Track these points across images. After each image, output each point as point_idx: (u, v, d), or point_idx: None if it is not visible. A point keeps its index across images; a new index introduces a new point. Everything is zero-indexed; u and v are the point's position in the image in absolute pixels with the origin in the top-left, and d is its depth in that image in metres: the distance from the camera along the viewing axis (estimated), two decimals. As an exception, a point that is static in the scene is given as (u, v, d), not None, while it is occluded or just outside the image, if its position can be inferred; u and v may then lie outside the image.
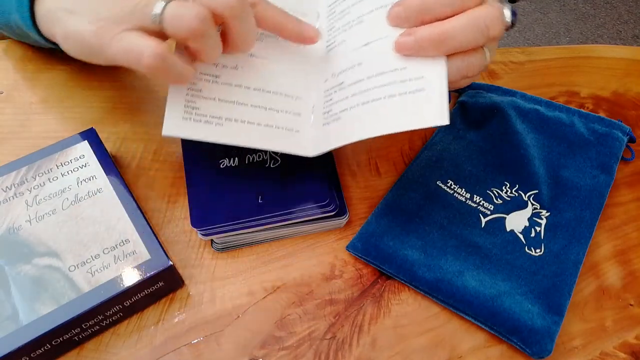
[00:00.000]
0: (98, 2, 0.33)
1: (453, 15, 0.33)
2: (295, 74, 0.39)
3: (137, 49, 0.31)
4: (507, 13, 0.34)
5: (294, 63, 0.39)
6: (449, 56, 0.33)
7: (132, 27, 0.32)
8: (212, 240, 0.40)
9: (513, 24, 0.35)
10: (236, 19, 0.32)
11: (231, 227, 0.38)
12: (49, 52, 0.51)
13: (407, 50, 0.33)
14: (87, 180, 0.38)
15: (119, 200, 0.37)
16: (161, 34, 0.32)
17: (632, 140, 0.46)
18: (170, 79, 0.34)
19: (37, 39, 0.41)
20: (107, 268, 0.34)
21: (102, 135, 0.42)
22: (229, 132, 0.36)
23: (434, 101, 0.33)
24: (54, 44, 0.39)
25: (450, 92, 0.50)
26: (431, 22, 0.33)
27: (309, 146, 0.38)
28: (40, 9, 0.37)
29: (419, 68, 0.33)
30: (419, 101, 0.33)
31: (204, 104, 0.36)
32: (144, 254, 0.35)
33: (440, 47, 0.32)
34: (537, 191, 0.42)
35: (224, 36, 0.34)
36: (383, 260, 0.38)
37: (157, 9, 0.31)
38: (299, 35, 0.37)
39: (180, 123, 0.35)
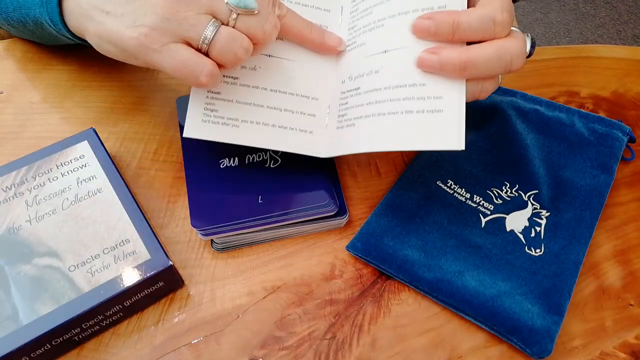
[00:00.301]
0: (135, 5, 0.33)
1: (481, 41, 0.33)
2: (313, 73, 0.39)
3: (194, 67, 0.33)
4: (528, 45, 0.34)
5: (312, 62, 0.39)
6: (469, 80, 0.33)
7: (177, 40, 0.33)
8: (212, 240, 0.40)
9: (530, 54, 0.35)
10: (269, 41, 0.35)
11: (231, 227, 0.38)
12: (49, 52, 0.51)
13: (428, 68, 0.33)
14: (87, 180, 0.38)
15: (119, 200, 0.37)
16: (200, 49, 0.33)
17: (632, 140, 0.46)
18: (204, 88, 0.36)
19: (62, 35, 0.41)
20: (107, 268, 0.34)
21: (102, 135, 0.42)
22: (244, 134, 0.37)
23: (452, 125, 0.33)
24: (81, 39, 0.39)
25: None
26: (458, 42, 0.33)
27: (322, 148, 0.38)
28: (69, 3, 0.37)
29: (438, 87, 0.33)
30: (437, 123, 0.33)
31: (222, 106, 0.37)
32: (144, 254, 0.35)
33: (463, 73, 0.33)
34: (537, 191, 0.42)
35: None
36: (383, 260, 0.38)
37: (209, 32, 0.32)
38: (322, 44, 0.39)
39: (200, 125, 0.36)
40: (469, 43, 0.33)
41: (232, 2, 0.32)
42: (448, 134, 0.33)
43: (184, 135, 0.36)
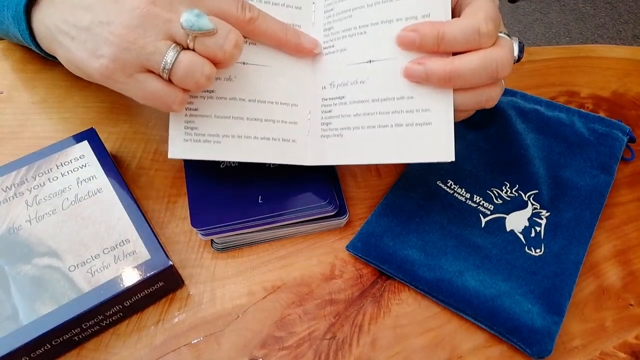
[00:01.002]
0: (95, 32, 0.32)
1: (466, 51, 0.33)
2: (291, 78, 0.38)
3: (165, 97, 0.33)
4: (516, 50, 0.34)
5: (288, 66, 0.38)
6: (462, 90, 0.33)
7: (141, 70, 0.32)
8: (212, 240, 0.40)
9: (519, 59, 0.35)
10: (231, 61, 0.33)
11: (231, 227, 0.38)
12: (49, 52, 0.51)
13: (414, 79, 0.34)
14: (87, 180, 0.38)
15: (119, 200, 0.37)
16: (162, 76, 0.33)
17: (632, 140, 0.46)
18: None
19: (39, 52, 0.41)
20: (107, 268, 0.34)
21: (102, 135, 0.42)
22: (227, 149, 0.36)
23: (440, 138, 0.33)
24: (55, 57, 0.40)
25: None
26: (443, 53, 0.33)
27: (307, 156, 0.38)
28: (38, 26, 0.37)
29: (425, 100, 0.34)
30: (426, 135, 0.33)
31: (202, 123, 0.36)
32: (144, 254, 0.35)
33: (448, 83, 0.33)
34: (537, 191, 0.42)
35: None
36: (383, 260, 0.38)
37: (168, 60, 0.31)
38: (298, 47, 0.37)
39: (182, 145, 0.36)
40: (455, 53, 0.33)
41: (186, 25, 0.31)
42: (437, 146, 0.33)
43: (169, 157, 0.36)
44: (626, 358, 0.36)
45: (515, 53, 0.34)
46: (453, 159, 0.33)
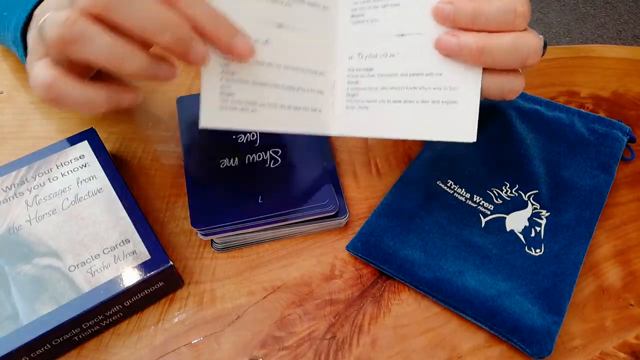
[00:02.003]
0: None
1: (499, 31, 0.32)
2: (319, 45, 0.37)
3: (32, 79, 0.30)
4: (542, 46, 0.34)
5: (317, 32, 0.36)
6: (489, 71, 0.33)
7: (37, 58, 0.31)
8: (212, 240, 0.40)
9: (543, 54, 0.35)
10: (120, 10, 0.28)
11: (231, 227, 0.38)
12: (49, 52, 0.51)
13: (446, 51, 0.33)
14: (87, 180, 0.38)
15: (119, 200, 0.37)
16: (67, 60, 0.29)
17: (632, 140, 0.46)
18: (71, 108, 0.31)
19: None
20: (107, 268, 0.34)
21: (102, 135, 0.42)
22: (261, 119, 0.35)
23: (466, 117, 0.33)
24: None
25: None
26: (477, 30, 0.33)
27: (331, 127, 0.37)
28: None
29: (454, 78, 0.34)
30: (451, 114, 0.34)
31: (239, 89, 0.33)
32: (144, 254, 0.35)
33: (478, 59, 0.32)
34: (537, 191, 0.42)
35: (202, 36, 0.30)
36: (383, 260, 0.38)
37: (45, 17, 0.28)
38: (228, 47, 0.31)
39: (217, 113, 0.33)
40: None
41: None
42: (461, 126, 0.33)
43: (200, 126, 0.32)
44: (626, 358, 0.36)
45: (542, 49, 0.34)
46: (474, 140, 0.33)
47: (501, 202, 0.41)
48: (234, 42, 0.31)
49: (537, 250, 0.39)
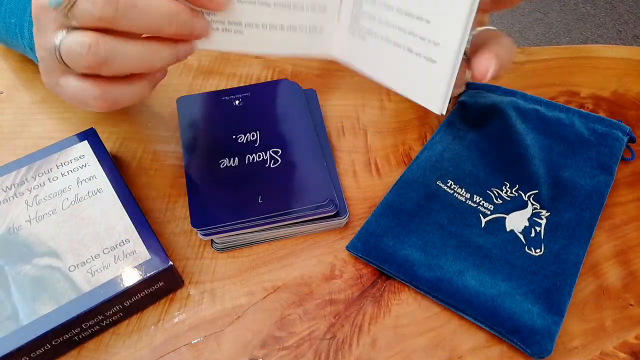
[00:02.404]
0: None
1: None
2: None
3: (81, 94, 0.30)
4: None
5: None
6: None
7: (62, 74, 0.31)
8: (212, 240, 0.40)
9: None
10: (127, 17, 0.28)
11: (231, 227, 0.38)
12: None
13: None
14: (87, 180, 0.38)
15: (119, 200, 0.37)
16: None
17: (632, 140, 0.46)
18: (129, 104, 0.33)
19: None
20: (107, 268, 0.34)
21: (102, 135, 0.42)
22: (250, 41, 0.34)
23: (438, 84, 0.32)
24: None
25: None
26: None
27: (333, 47, 0.36)
28: None
29: (439, 32, 0.32)
30: (427, 75, 0.33)
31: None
32: (144, 254, 0.35)
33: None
34: (537, 191, 0.42)
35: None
36: (383, 260, 0.38)
37: (56, 46, 0.29)
38: (190, 32, 0.32)
39: None
40: None
41: (50, 4, 0.28)
42: (433, 92, 0.32)
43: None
44: (626, 358, 0.36)
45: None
46: (443, 113, 0.32)
47: (501, 202, 0.41)
48: (193, 28, 0.32)
49: (537, 250, 0.39)
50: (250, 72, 0.52)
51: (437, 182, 0.43)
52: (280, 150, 0.42)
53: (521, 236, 0.39)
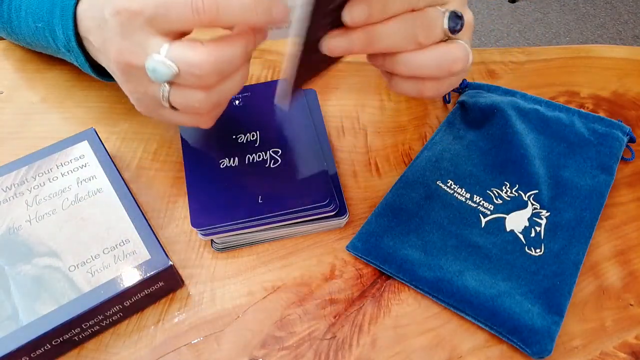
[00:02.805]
0: (110, 62, 0.33)
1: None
2: None
3: (195, 123, 0.35)
4: (446, 23, 0.31)
5: None
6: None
7: (160, 106, 0.33)
8: (212, 240, 0.40)
9: (454, 30, 0.32)
10: (227, 13, 0.29)
11: (231, 227, 0.38)
12: (49, 52, 0.51)
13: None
14: (87, 180, 0.38)
15: (119, 200, 0.37)
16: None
17: (632, 140, 0.46)
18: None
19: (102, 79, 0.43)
20: (107, 268, 0.34)
21: (102, 135, 0.42)
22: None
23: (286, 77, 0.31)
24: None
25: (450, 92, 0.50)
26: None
27: None
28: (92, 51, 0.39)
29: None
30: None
31: None
32: (144, 254, 0.35)
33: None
34: (537, 191, 0.42)
35: None
36: (383, 260, 0.38)
37: (164, 98, 0.32)
38: (269, 19, 0.30)
39: None
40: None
41: (151, 78, 0.30)
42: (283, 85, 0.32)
43: None
44: (626, 358, 0.36)
45: (446, 25, 0.31)
46: (285, 109, 0.32)
47: (501, 202, 0.41)
48: (273, 16, 0.31)
49: (537, 250, 0.39)
50: (250, 72, 0.52)
51: (437, 182, 0.43)
52: (280, 150, 0.42)
53: (521, 236, 0.39)
